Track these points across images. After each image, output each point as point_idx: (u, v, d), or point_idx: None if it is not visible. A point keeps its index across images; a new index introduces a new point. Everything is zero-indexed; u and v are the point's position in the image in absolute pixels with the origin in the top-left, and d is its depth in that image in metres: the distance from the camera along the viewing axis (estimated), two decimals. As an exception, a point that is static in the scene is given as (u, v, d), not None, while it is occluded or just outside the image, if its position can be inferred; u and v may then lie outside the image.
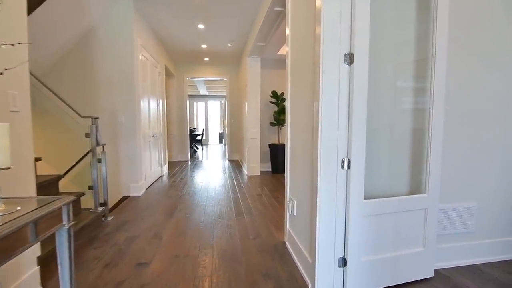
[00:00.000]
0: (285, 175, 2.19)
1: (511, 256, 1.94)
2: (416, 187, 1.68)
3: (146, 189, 3.98)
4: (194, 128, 10.87)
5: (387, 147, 1.64)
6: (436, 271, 1.76)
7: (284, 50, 4.92)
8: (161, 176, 4.96)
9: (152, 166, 4.40)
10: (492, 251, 1.91)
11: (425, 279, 1.69)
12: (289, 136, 2.12)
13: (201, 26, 4.35)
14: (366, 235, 1.54)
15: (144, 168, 3.87)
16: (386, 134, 1.64)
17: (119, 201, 3.38)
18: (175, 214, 2.88)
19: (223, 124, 12.48)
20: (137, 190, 3.60)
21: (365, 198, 1.50)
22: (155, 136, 4.47)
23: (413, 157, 1.67)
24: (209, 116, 13.36)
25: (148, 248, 2.09)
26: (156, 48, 4.74)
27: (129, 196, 3.57)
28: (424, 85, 1.62)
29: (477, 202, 1.86)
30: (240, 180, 4.66)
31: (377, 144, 1.62)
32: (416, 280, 1.67)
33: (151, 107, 4.31)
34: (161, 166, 5.03)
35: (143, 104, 3.87)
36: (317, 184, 1.48)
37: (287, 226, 2.16)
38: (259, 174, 5.15)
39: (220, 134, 13.44)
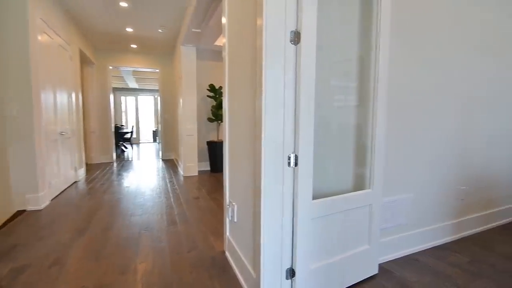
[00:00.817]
0: (224, 176, 1.91)
1: (438, 242, 2.07)
2: (360, 183, 1.60)
3: (52, 199, 3.21)
4: (121, 125, 9.69)
5: (330, 144, 1.51)
6: (379, 266, 1.73)
7: (221, 41, 4.62)
8: (75, 182, 4.13)
9: (62, 170, 3.59)
10: (424, 239, 2.00)
11: (370, 277, 1.63)
12: (227, 132, 1.84)
13: (123, 4, 3.72)
14: (315, 239, 1.38)
15: (48, 173, 3.09)
16: (329, 130, 1.50)
17: (10, 218, 2.60)
18: (89, 230, 2.32)
19: (157, 120, 11.48)
20: (37, 201, 2.84)
21: (313, 199, 1.34)
22: (64, 133, 3.66)
23: (357, 152, 1.58)
24: (140, 112, 12.14)
25: (43, 281, 1.57)
26: (66, 27, 3.89)
27: (25, 210, 2.80)
28: (367, 82, 1.54)
29: (413, 194, 1.90)
30: (175, 182, 4.19)
31: (320, 140, 1.47)
32: (363, 280, 1.59)
33: (58, 98, 3.50)
34: (76, 170, 4.19)
35: (46, 93, 3.09)
36: (260, 185, 1.25)
37: (227, 233, 1.89)
38: (197, 174, 4.75)
39: (154, 131, 12.36)
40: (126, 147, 9.13)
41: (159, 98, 6.73)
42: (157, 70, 6.48)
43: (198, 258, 1.85)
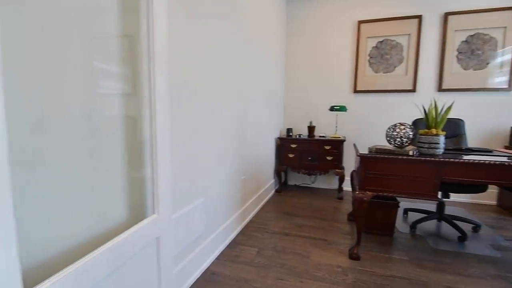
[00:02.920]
0: None
1: (229, 239, 1.95)
2: (139, 208, 1.01)
3: None
4: None
5: (86, 151, 0.80)
6: (176, 310, 1.26)
7: None
8: None
9: None
10: (219, 242, 1.78)
11: (166, 338, 1.11)
12: None
13: None
14: None
15: None
16: (83, 130, 0.78)
17: None
18: None
19: None
20: None
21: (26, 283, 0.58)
22: None
23: (132, 161, 0.97)
24: None
25: None
26: None
27: None
28: (138, 67, 0.96)
29: (204, 197, 1.59)
30: None
31: (62, 146, 0.72)
32: None
33: None
34: None
35: None
36: None
37: None
38: None
39: None
40: None
41: None
42: None
43: None
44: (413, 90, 2.98)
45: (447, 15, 2.77)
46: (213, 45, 1.61)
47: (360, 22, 3.06)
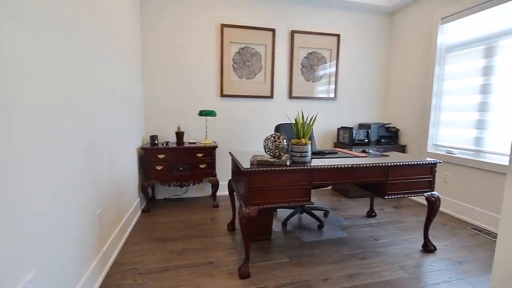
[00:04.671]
0: None
1: (88, 306, 1.40)
2: None
3: None
4: None
5: None
6: None
7: None
8: None
9: None
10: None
11: None
12: None
13: None
14: None
15: None
16: None
17: None
18: None
19: None
20: None
21: None
22: None
23: None
24: None
25: None
26: None
27: None
28: None
29: (36, 268, 1.01)
30: None
31: None
32: None
33: None
34: None
35: None
36: None
37: None
38: None
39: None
40: None
41: None
42: None
43: None
44: (271, 97, 3.28)
45: (293, 32, 3.21)
46: (32, 30, 1.03)
47: (223, 25, 3.03)
